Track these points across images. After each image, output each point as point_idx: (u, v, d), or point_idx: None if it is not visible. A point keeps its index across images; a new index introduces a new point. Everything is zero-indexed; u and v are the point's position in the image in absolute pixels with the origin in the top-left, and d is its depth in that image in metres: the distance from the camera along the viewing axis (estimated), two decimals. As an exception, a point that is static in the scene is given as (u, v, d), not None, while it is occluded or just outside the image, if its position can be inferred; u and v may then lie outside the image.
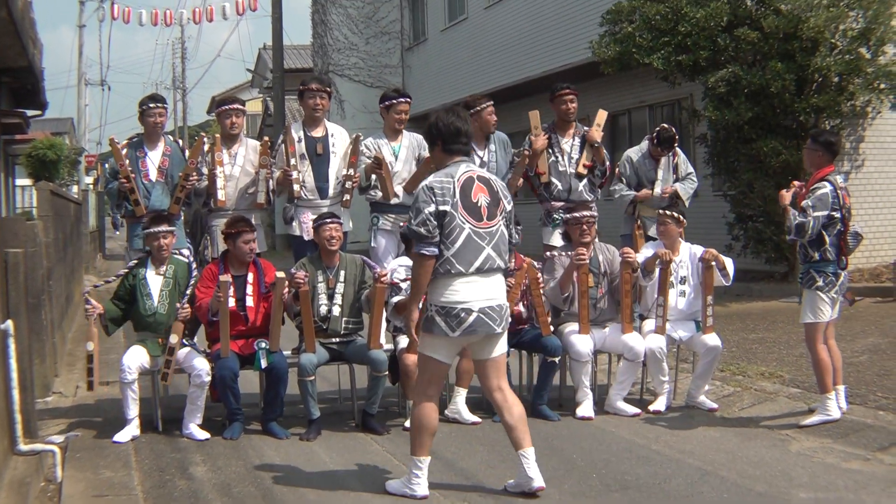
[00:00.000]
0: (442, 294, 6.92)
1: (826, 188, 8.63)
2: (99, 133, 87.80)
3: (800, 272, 9.02)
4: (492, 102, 10.45)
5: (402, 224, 9.65)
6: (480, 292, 6.93)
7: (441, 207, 6.88)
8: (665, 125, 11.30)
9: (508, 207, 7.22)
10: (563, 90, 10.70)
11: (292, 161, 10.03)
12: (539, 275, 9.50)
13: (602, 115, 10.88)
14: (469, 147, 7.33)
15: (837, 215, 8.61)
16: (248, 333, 9.12)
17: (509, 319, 7.25)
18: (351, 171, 9.98)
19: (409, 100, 10.44)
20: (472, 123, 10.29)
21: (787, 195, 8.87)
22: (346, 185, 10.01)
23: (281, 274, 8.94)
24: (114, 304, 9.28)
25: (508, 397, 7.20)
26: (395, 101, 10.28)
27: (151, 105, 10.08)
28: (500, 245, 7.04)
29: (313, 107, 10.21)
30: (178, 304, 9.09)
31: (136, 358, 8.94)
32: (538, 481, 7.02)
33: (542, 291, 9.46)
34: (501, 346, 7.19)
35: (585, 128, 10.75)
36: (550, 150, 10.66)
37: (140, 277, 9.23)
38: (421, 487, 7.02)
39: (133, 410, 8.89)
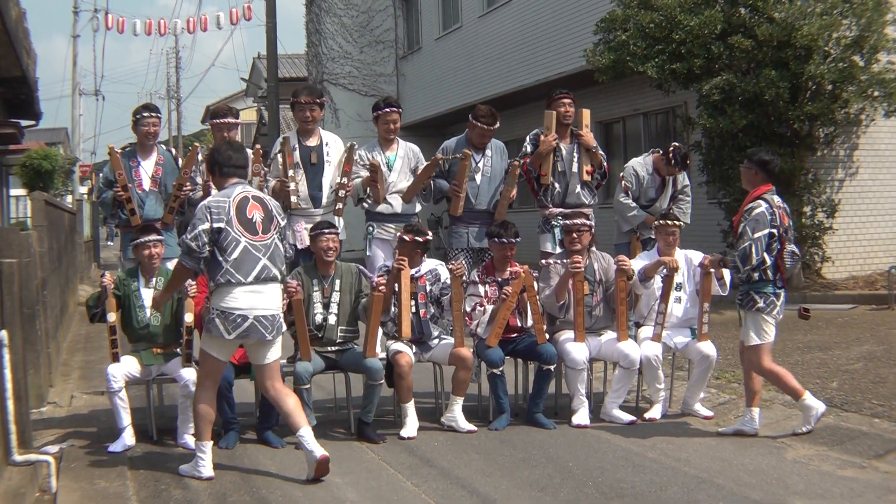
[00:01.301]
0: (223, 300, 7.64)
1: (761, 207, 8.67)
2: (93, 143, 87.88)
3: (739, 293, 8.99)
4: (494, 126, 10.39)
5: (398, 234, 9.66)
6: (257, 301, 7.69)
7: (216, 225, 7.62)
8: (677, 144, 11.15)
9: (282, 223, 8.13)
10: (561, 95, 10.67)
11: (290, 172, 10.00)
12: (535, 282, 9.51)
13: (586, 115, 10.81)
14: (244, 172, 8.21)
15: (776, 233, 8.62)
16: (242, 342, 9.10)
17: (283, 329, 8.03)
18: (344, 180, 9.97)
19: (397, 109, 10.43)
20: (472, 130, 10.34)
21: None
22: (339, 194, 10.00)
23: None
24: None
25: (280, 390, 8.03)
26: (382, 111, 10.33)
27: (145, 115, 10.08)
28: (274, 256, 7.85)
29: (303, 119, 10.19)
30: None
31: (123, 367, 8.92)
32: (318, 451, 7.73)
33: (537, 299, 9.47)
34: (274, 353, 8.03)
35: (580, 132, 10.68)
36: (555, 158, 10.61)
37: (133, 289, 9.21)
38: (206, 469, 7.86)
39: (125, 419, 8.86)
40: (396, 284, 9.17)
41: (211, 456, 7.92)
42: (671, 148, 10.94)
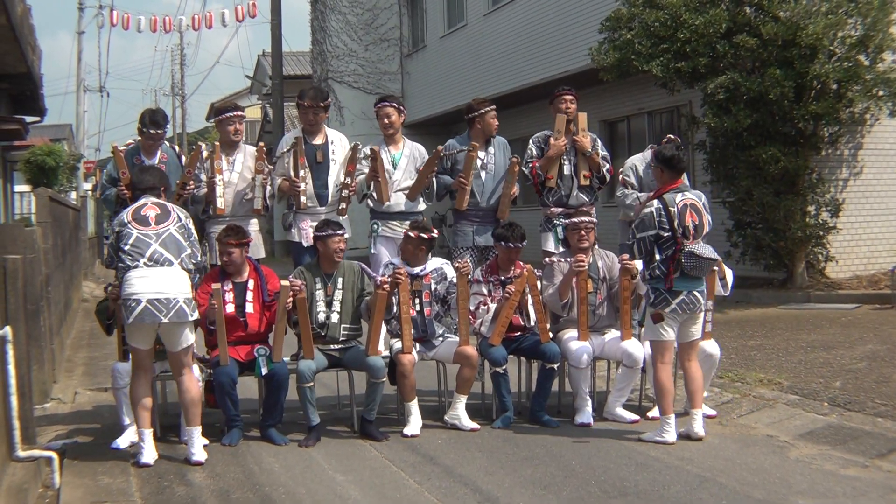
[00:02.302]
0: (122, 289, 8.11)
1: (651, 208, 8.66)
2: (98, 139, 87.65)
3: None
4: (494, 107, 10.49)
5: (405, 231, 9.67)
6: (150, 285, 8.03)
7: (115, 231, 8.42)
8: (672, 136, 11.18)
9: (183, 221, 8.49)
10: (563, 91, 10.68)
11: (301, 172, 10.00)
12: (538, 281, 9.51)
13: (583, 119, 10.75)
14: (153, 191, 8.64)
15: (666, 234, 8.56)
16: (247, 340, 9.11)
17: (186, 315, 8.16)
18: (348, 180, 9.98)
19: (391, 104, 10.45)
20: (475, 126, 10.37)
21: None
22: (343, 194, 10.02)
23: (286, 283, 8.94)
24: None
25: (185, 380, 8.43)
26: (377, 107, 10.44)
27: (152, 131, 9.99)
28: (167, 243, 8.24)
29: (307, 122, 10.24)
30: None
31: (129, 364, 8.93)
32: (198, 456, 8.34)
33: (541, 298, 9.47)
34: (185, 340, 8.36)
35: (575, 137, 10.66)
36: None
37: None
38: (146, 456, 8.26)
39: (129, 416, 8.87)
40: (395, 296, 9.20)
41: (152, 443, 8.33)
42: (665, 140, 10.99)
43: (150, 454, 8.22)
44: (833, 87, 16.39)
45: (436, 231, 9.68)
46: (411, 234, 9.45)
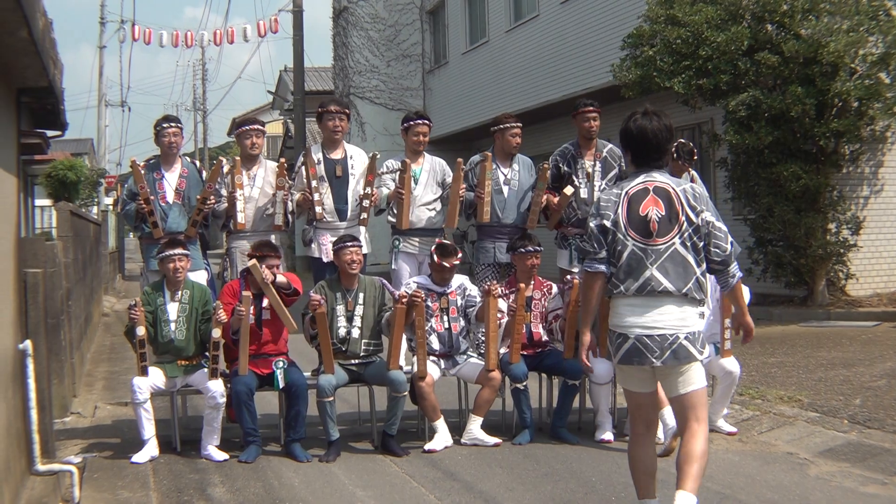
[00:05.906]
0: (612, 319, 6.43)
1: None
2: (119, 154, 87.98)
3: None
4: (518, 125, 10.45)
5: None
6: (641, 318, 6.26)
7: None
8: (682, 140, 11.23)
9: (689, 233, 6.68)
10: (586, 108, 10.59)
11: (314, 183, 10.02)
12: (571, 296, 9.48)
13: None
14: None
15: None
16: (266, 353, 9.12)
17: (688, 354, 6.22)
18: (368, 190, 9.98)
19: (427, 122, 10.44)
20: (496, 140, 10.39)
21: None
22: (364, 204, 10.01)
23: (253, 262, 8.97)
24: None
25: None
26: (412, 123, 10.34)
27: (165, 125, 10.06)
28: (666, 266, 6.33)
29: (332, 129, 10.23)
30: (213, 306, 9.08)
31: (148, 378, 8.93)
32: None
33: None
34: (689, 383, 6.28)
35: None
36: (575, 176, 10.55)
37: (159, 304, 9.22)
38: None
39: (148, 430, 8.89)
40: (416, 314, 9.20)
41: None
42: (675, 143, 11.04)
43: None
44: (854, 105, 16.37)
45: (460, 252, 9.69)
46: (446, 265, 9.44)
